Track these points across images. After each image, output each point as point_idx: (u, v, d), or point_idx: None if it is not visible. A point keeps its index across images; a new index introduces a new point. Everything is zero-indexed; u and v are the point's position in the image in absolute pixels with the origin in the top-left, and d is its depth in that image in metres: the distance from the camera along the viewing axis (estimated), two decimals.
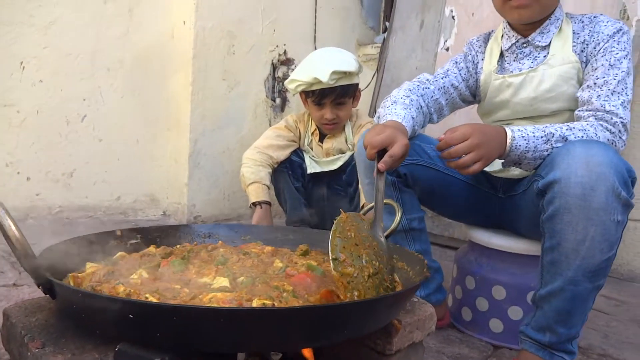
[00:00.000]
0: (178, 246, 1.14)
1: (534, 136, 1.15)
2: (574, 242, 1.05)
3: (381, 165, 1.08)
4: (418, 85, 1.44)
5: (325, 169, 2.19)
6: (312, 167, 2.20)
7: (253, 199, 2.06)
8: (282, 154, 2.16)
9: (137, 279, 0.83)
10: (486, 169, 1.45)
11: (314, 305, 0.73)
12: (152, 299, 0.69)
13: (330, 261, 0.86)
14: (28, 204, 2.29)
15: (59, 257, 0.90)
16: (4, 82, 2.19)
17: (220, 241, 1.20)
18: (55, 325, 0.73)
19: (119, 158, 2.53)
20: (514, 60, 1.41)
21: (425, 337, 1.02)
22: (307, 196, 2.23)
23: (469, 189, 1.46)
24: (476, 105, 1.57)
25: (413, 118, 1.32)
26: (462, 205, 1.50)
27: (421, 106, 1.40)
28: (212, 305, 0.68)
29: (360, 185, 2.07)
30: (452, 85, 1.47)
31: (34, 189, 2.31)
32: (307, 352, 0.79)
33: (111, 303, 0.61)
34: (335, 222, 0.96)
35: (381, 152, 1.11)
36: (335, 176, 2.20)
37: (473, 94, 1.52)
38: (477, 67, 1.49)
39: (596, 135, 1.16)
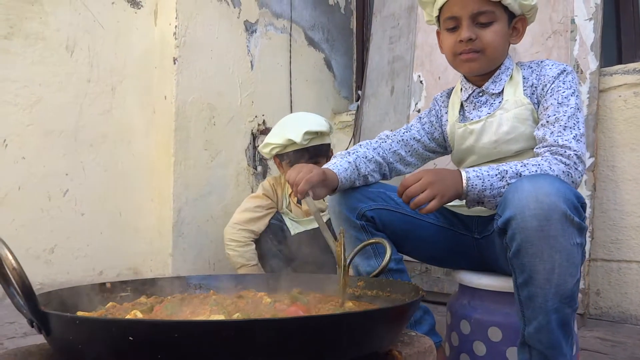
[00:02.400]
0: (169, 297, 1.12)
1: (488, 175, 1.21)
2: (544, 271, 1.07)
3: (311, 192, 1.28)
4: (376, 141, 1.55)
5: (308, 227, 2.21)
6: (294, 228, 2.22)
7: None
8: (263, 224, 2.20)
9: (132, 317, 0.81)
10: (455, 209, 1.50)
11: (321, 315, 0.72)
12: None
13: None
14: None
15: (50, 307, 0.87)
16: None
17: (211, 290, 1.18)
18: None
19: (102, 232, 2.50)
20: (473, 109, 1.50)
21: None
22: (291, 256, 2.22)
23: (442, 232, 1.49)
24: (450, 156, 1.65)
25: (350, 163, 1.43)
26: (438, 248, 1.52)
27: (371, 157, 1.48)
28: (217, 319, 0.67)
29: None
30: (413, 138, 1.56)
31: None
32: None
33: (110, 325, 0.60)
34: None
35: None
36: (319, 233, 2.20)
37: (441, 145, 1.60)
38: (441, 120, 1.58)
39: (550, 168, 1.21)
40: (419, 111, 2.87)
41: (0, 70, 2.23)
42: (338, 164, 1.41)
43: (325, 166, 1.40)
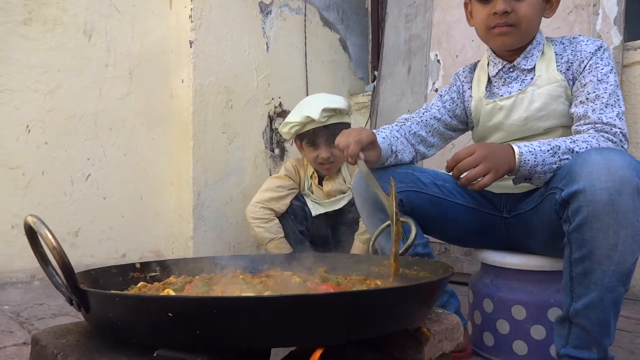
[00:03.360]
0: (197, 276, 1.14)
1: (540, 150, 1.18)
2: (607, 248, 1.04)
3: (362, 155, 1.24)
4: (396, 125, 1.52)
5: (329, 209, 2.21)
6: (316, 210, 2.22)
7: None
8: (284, 204, 2.20)
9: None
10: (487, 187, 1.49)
11: (359, 291, 0.72)
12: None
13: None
14: (34, 265, 2.25)
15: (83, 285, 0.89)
16: (9, 146, 2.23)
17: (238, 270, 1.19)
18: (87, 344, 0.72)
19: (124, 215, 2.54)
20: (502, 85, 1.47)
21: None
22: (312, 238, 2.24)
23: (470, 212, 1.47)
24: (471, 134, 1.62)
25: (385, 139, 1.41)
26: (465, 229, 1.51)
27: (397, 137, 1.46)
28: (257, 295, 0.68)
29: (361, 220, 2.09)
30: (433, 117, 1.53)
31: None
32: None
33: (149, 302, 0.61)
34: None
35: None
36: (340, 215, 2.21)
37: (463, 122, 1.57)
38: (463, 95, 1.55)
39: (599, 145, 1.19)
40: (436, 90, 2.84)
41: (21, 57, 2.25)
42: (383, 135, 1.40)
43: None
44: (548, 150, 1.18)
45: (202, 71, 2.59)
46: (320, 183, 2.24)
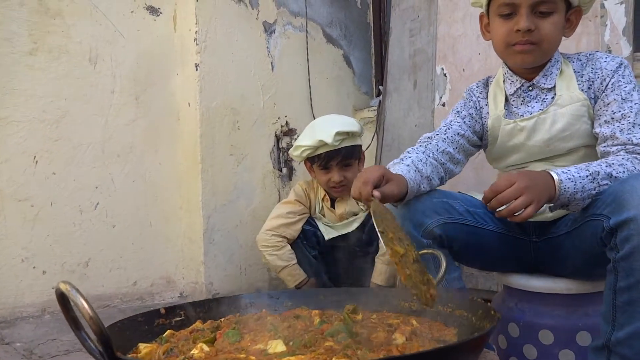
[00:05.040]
0: (222, 319, 1.11)
1: (579, 176, 1.16)
2: None
3: (377, 193, 1.10)
4: (420, 146, 1.47)
5: (342, 232, 2.18)
6: (328, 233, 2.20)
7: (293, 284, 2.08)
8: (295, 230, 2.17)
9: (199, 352, 0.80)
10: None
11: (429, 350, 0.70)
12: None
13: (379, 235, 0.84)
14: (44, 299, 2.23)
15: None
16: (17, 178, 2.21)
17: (263, 310, 1.16)
18: None
19: (133, 242, 2.51)
20: (521, 104, 1.44)
21: None
22: (326, 262, 2.21)
23: (500, 238, 1.44)
24: (479, 154, 1.59)
25: (409, 166, 1.33)
26: (495, 255, 1.48)
27: (425, 160, 1.40)
28: None
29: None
30: (457, 134, 1.48)
31: (50, 283, 2.26)
32: None
33: None
34: (372, 204, 0.99)
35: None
36: (354, 237, 2.18)
37: (480, 138, 1.54)
38: (480, 112, 1.52)
39: (635, 168, 1.17)
40: (444, 105, 2.82)
41: (27, 87, 2.22)
42: (398, 169, 1.31)
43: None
44: (587, 176, 1.16)
45: (208, 93, 2.57)
46: (332, 205, 2.21)
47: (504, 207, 1.13)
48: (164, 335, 0.96)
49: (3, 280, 2.15)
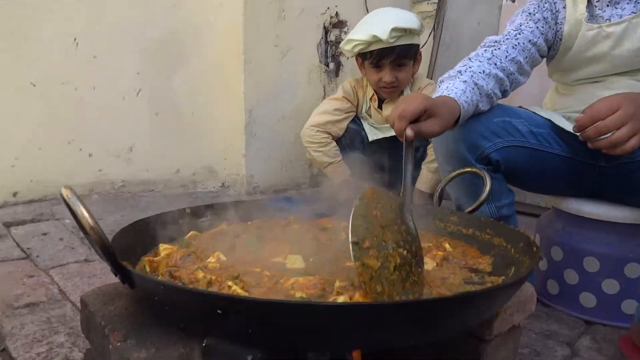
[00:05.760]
0: (249, 222, 1.08)
1: None
2: None
3: (409, 131, 0.94)
4: (485, 51, 1.25)
5: (388, 134, 2.08)
6: (373, 135, 2.10)
7: (338, 180, 2.03)
8: (341, 128, 2.08)
9: (214, 262, 0.77)
10: None
11: (428, 299, 0.64)
12: (237, 288, 0.63)
13: (350, 245, 0.69)
14: (92, 180, 2.31)
15: (131, 239, 0.85)
16: (60, 60, 2.18)
17: (292, 216, 1.13)
18: (135, 314, 0.68)
19: (176, 131, 2.51)
20: (607, 6, 1.22)
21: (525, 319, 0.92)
22: (367, 164, 2.14)
23: (564, 161, 1.29)
24: (547, 63, 1.39)
25: (467, 82, 1.14)
26: (555, 179, 1.34)
27: (489, 72, 1.21)
28: (303, 300, 0.61)
29: (429, 147, 1.96)
30: (529, 41, 1.27)
31: (97, 165, 2.32)
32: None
33: (196, 297, 0.55)
34: (359, 197, 0.78)
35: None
36: (399, 142, 2.08)
37: (549, 48, 1.33)
38: (557, 17, 1.29)
39: None
40: (513, 1, 2.51)
41: None
42: (453, 87, 1.12)
43: (436, 94, 1.13)
44: None
45: None
46: (379, 106, 2.09)
47: (604, 137, 0.97)
48: (185, 237, 0.94)
49: (52, 161, 2.22)
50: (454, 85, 1.13)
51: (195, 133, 2.56)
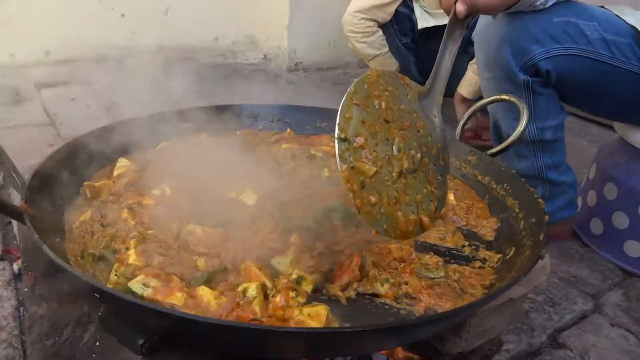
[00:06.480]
0: (238, 132, 0.96)
1: None
2: None
3: (460, 5, 0.72)
4: None
5: (441, 22, 1.77)
6: (424, 20, 1.80)
7: None
8: (389, 13, 1.78)
9: (152, 200, 0.66)
10: None
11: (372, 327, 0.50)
12: (133, 253, 0.54)
13: (335, 142, 0.53)
14: (126, 43, 2.20)
15: (102, 142, 0.77)
16: None
17: (288, 129, 0.98)
18: None
19: None
20: None
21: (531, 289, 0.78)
22: (417, 53, 1.88)
23: (638, 80, 1.02)
24: None
25: None
26: (623, 101, 1.07)
27: None
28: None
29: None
30: None
31: (129, 27, 2.20)
32: None
33: (75, 280, 0.46)
34: (355, 81, 0.59)
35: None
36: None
37: None
38: None
39: None
40: None
41: None
42: None
43: None
44: None
45: None
46: None
47: None
48: (156, 148, 0.83)
49: (83, 20, 2.11)
50: None
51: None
